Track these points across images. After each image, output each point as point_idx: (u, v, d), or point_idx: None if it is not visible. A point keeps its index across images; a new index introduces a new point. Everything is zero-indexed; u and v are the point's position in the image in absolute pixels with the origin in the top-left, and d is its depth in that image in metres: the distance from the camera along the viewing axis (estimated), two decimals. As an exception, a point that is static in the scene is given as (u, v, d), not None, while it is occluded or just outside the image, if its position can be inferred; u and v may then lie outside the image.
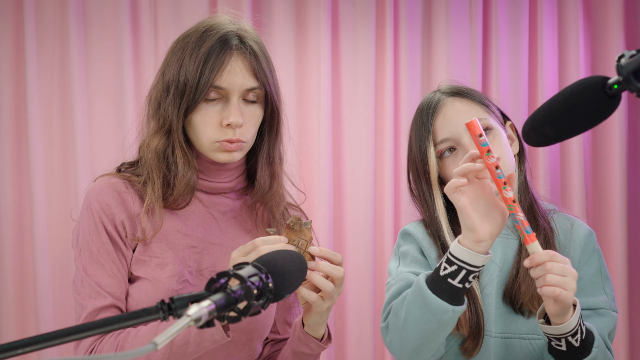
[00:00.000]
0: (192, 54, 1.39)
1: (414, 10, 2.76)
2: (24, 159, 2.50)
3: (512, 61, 2.83)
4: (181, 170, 1.42)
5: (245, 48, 1.41)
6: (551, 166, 2.84)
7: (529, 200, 1.54)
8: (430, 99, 1.58)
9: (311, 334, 1.39)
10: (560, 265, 1.28)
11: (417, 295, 1.34)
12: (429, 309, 1.32)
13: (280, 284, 0.99)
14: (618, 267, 2.79)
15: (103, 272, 1.40)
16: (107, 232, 1.41)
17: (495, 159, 1.26)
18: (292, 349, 1.43)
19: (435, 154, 1.52)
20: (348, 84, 2.71)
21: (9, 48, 2.48)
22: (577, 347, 1.35)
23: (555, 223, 1.55)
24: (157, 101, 1.44)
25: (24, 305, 2.50)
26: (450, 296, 1.31)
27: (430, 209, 1.54)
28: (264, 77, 1.41)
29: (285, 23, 2.66)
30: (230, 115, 1.38)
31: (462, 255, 1.30)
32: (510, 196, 1.26)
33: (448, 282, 1.31)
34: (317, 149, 2.66)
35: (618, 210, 2.81)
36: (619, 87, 1.00)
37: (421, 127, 1.54)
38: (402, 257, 1.55)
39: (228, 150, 1.41)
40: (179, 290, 1.41)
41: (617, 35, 2.81)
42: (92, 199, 1.43)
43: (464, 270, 1.30)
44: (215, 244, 1.47)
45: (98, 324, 0.86)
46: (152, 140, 1.43)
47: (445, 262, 1.32)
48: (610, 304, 1.50)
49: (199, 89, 1.37)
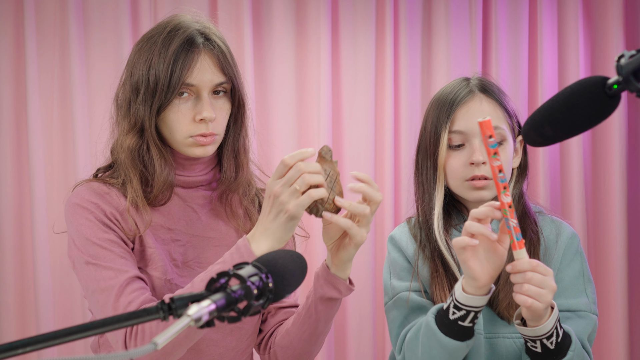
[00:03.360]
0: (160, 54, 1.42)
1: (414, 10, 2.76)
2: (24, 159, 2.51)
3: (512, 61, 2.82)
4: (158, 167, 1.45)
5: (212, 45, 1.45)
6: (551, 166, 2.84)
7: (520, 212, 1.56)
8: (459, 86, 1.57)
9: (339, 275, 1.40)
10: (540, 277, 1.30)
11: (431, 339, 1.41)
12: (445, 349, 1.39)
13: (280, 284, 0.99)
14: (618, 267, 2.79)
15: (113, 255, 1.40)
16: (104, 223, 1.42)
17: (500, 162, 1.27)
18: (320, 296, 1.42)
19: (447, 140, 1.53)
20: (348, 83, 2.71)
21: (9, 48, 2.48)
22: (552, 349, 1.37)
23: (540, 226, 1.56)
24: (126, 102, 1.47)
25: (24, 305, 2.50)
26: (463, 335, 1.39)
27: (430, 190, 1.57)
28: (230, 71, 1.46)
29: (285, 23, 2.66)
30: (204, 111, 1.42)
31: (469, 302, 1.35)
32: (507, 201, 1.28)
33: (459, 324, 1.38)
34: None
35: (618, 210, 2.81)
36: (618, 87, 1.00)
37: (442, 111, 1.55)
38: (392, 266, 1.60)
39: (202, 145, 1.44)
40: (171, 280, 1.44)
41: (617, 35, 2.81)
42: (76, 201, 1.44)
43: (472, 313, 1.36)
44: (198, 236, 1.50)
45: (98, 324, 0.86)
46: (125, 140, 1.46)
47: (453, 307, 1.37)
48: (591, 306, 1.52)
49: (171, 87, 1.41)
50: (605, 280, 2.84)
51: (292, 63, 2.68)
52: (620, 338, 2.79)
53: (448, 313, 1.38)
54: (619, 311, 2.78)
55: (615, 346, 2.80)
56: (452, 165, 1.53)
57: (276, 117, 2.67)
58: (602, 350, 2.85)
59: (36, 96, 2.46)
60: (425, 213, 1.57)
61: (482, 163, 1.50)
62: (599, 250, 2.88)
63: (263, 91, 2.67)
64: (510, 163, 1.55)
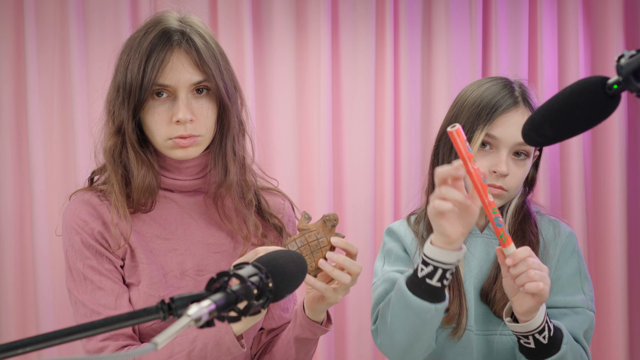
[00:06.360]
0: (135, 53, 1.39)
1: (414, 10, 2.76)
2: (24, 159, 2.51)
3: (512, 61, 2.83)
4: (135, 170, 1.41)
5: (188, 43, 1.39)
6: (551, 166, 2.84)
7: (522, 216, 1.57)
8: (503, 92, 1.55)
9: (313, 319, 1.41)
10: (537, 261, 1.33)
11: (399, 298, 1.37)
12: (412, 310, 1.35)
13: (280, 284, 0.99)
14: (618, 267, 2.79)
15: (92, 287, 1.41)
16: (89, 246, 1.42)
17: (477, 165, 1.28)
18: (295, 336, 1.44)
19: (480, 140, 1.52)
20: (348, 84, 2.71)
21: (9, 48, 2.48)
22: (545, 344, 1.38)
23: (539, 226, 1.58)
24: (110, 104, 1.44)
25: (24, 305, 2.50)
26: (431, 295, 1.34)
27: None
28: (209, 70, 1.39)
29: (285, 23, 2.66)
30: (179, 112, 1.37)
31: (436, 255, 1.31)
32: (492, 200, 1.29)
33: (427, 282, 1.33)
34: (317, 149, 2.66)
35: (618, 210, 2.81)
36: (618, 87, 1.00)
37: (483, 112, 1.53)
38: (387, 255, 1.59)
39: (182, 147, 1.40)
40: (164, 296, 1.41)
41: (617, 35, 2.81)
42: (69, 217, 1.45)
43: (440, 270, 1.32)
44: (197, 242, 1.47)
45: (98, 323, 0.86)
46: (107, 142, 1.44)
47: (421, 263, 1.34)
48: (588, 303, 1.53)
49: (143, 88, 1.37)
50: (605, 280, 2.84)
51: (292, 63, 2.68)
52: (620, 338, 2.79)
53: (417, 270, 1.34)
54: (619, 311, 2.78)
55: (615, 346, 2.80)
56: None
57: (276, 117, 2.67)
58: (602, 350, 2.85)
59: (36, 96, 2.46)
60: None
61: (504, 176, 1.50)
62: (599, 250, 2.88)
63: (263, 91, 2.67)
64: (523, 179, 1.55)
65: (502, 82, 1.58)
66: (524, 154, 1.53)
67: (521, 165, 1.53)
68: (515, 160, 1.52)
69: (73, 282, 1.43)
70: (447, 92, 2.73)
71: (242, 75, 2.48)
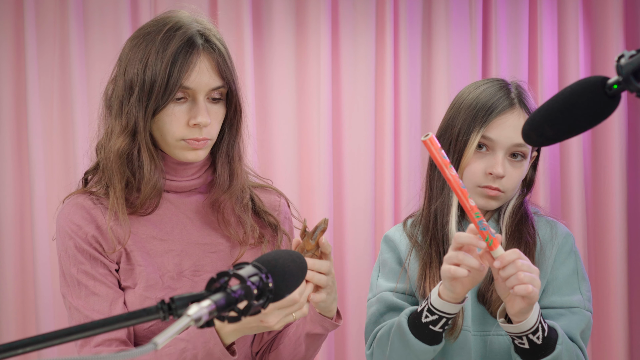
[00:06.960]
0: (157, 53, 1.37)
1: (414, 10, 2.76)
2: (24, 159, 2.51)
3: (512, 61, 2.82)
4: (147, 172, 1.39)
5: (211, 47, 1.40)
6: (551, 166, 2.84)
7: (519, 217, 1.58)
8: (500, 93, 1.55)
9: (324, 314, 1.41)
10: (527, 263, 1.33)
11: (401, 337, 1.45)
12: (412, 350, 1.44)
13: (280, 284, 0.99)
14: (618, 267, 2.79)
15: (86, 292, 1.40)
16: (82, 250, 1.40)
17: (455, 171, 1.31)
18: (307, 332, 1.44)
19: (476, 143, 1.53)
20: (348, 83, 2.71)
21: (9, 48, 2.48)
22: (539, 344, 1.39)
23: (536, 227, 1.58)
24: (118, 100, 1.41)
25: (24, 305, 2.50)
26: (432, 339, 1.44)
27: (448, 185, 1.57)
28: (228, 75, 1.41)
29: (285, 23, 2.66)
30: (199, 115, 1.37)
31: (443, 307, 1.40)
32: (474, 204, 1.31)
33: (430, 328, 1.42)
34: (317, 149, 2.66)
35: (618, 210, 2.80)
36: (618, 87, 1.00)
37: (479, 114, 1.53)
38: (382, 266, 1.63)
39: (194, 148, 1.40)
40: (160, 298, 1.40)
41: (617, 35, 2.81)
42: (62, 222, 1.43)
43: (444, 319, 1.41)
44: (193, 243, 1.46)
45: (98, 323, 0.86)
46: (115, 141, 1.40)
47: (426, 310, 1.42)
48: (585, 303, 1.53)
49: (168, 89, 1.35)
50: (605, 280, 2.84)
51: (292, 63, 2.68)
52: (620, 338, 2.79)
53: (421, 316, 1.43)
54: (619, 311, 2.78)
55: (615, 346, 2.79)
56: (472, 169, 1.54)
57: (276, 117, 2.67)
58: (602, 350, 2.85)
59: (36, 96, 2.46)
60: (444, 205, 1.57)
61: (500, 177, 1.52)
62: (599, 250, 2.88)
63: (263, 92, 2.67)
64: (520, 181, 1.56)
65: (498, 83, 1.58)
66: (520, 155, 1.53)
67: (518, 167, 1.53)
68: (511, 162, 1.53)
69: (67, 288, 1.42)
70: (447, 92, 2.73)
71: (242, 75, 2.48)
